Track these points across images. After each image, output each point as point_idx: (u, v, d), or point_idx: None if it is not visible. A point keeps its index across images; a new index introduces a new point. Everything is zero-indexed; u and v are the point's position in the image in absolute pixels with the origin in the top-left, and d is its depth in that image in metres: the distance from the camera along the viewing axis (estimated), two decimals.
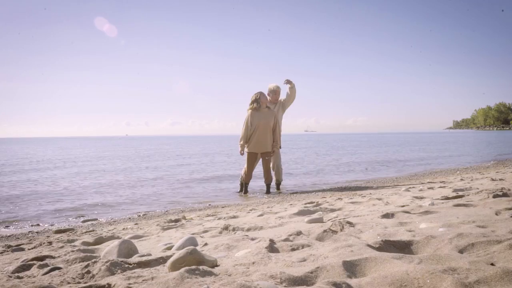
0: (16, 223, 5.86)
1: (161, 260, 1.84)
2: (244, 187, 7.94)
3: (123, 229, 4.25)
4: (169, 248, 2.34)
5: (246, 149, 7.77)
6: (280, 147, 7.98)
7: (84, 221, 5.83)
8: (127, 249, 2.12)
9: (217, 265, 1.52)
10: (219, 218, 4.18)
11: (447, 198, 3.64)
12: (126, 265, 1.75)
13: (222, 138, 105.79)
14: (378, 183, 8.75)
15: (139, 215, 6.06)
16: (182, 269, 1.36)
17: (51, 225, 5.66)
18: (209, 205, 6.86)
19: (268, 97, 7.90)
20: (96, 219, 5.99)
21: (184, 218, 4.58)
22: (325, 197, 6.32)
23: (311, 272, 1.21)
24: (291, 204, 5.29)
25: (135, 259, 1.84)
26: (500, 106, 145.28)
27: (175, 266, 1.48)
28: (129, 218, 5.76)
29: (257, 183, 8.72)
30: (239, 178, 8.37)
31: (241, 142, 7.76)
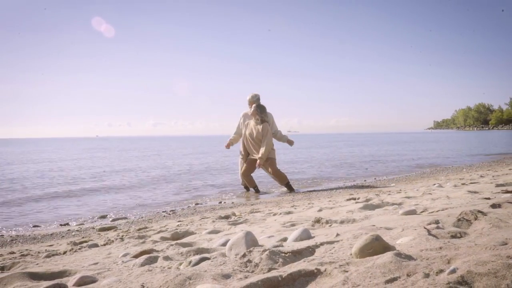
0: (42, 223, 5.78)
1: (310, 250, 1.83)
2: (255, 189, 8.02)
3: (177, 225, 4.22)
4: (284, 240, 2.33)
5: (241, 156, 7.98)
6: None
7: (113, 220, 5.77)
8: (252, 240, 2.11)
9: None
10: (274, 214, 4.17)
11: (507, 191, 3.71)
12: (283, 254, 1.74)
13: (205, 138, 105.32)
14: (393, 181, 8.85)
15: (168, 213, 6.02)
16: (390, 253, 1.36)
17: (81, 224, 5.60)
18: (232, 202, 6.86)
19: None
20: (125, 218, 5.93)
21: (234, 214, 4.57)
22: (352, 194, 6.37)
23: None
24: (330, 201, 5.32)
25: (287, 248, 1.83)
26: (479, 107, 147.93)
27: (363, 252, 1.48)
28: (164, 216, 5.71)
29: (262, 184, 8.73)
30: (241, 184, 8.44)
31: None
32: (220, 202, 7.04)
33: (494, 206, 2.37)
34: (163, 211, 6.36)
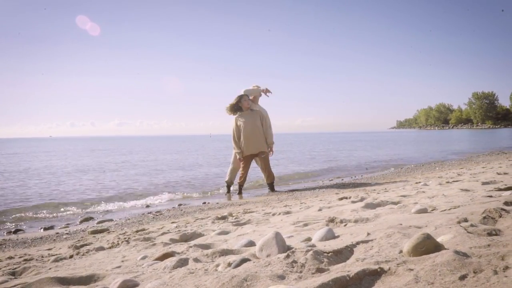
0: (24, 225, 5.62)
1: (349, 249, 1.86)
2: (239, 189, 8.00)
3: (176, 227, 4.17)
4: (309, 240, 2.35)
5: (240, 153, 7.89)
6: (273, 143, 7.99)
7: (99, 222, 5.66)
8: (282, 241, 2.12)
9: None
10: (273, 214, 4.19)
11: (500, 189, 3.85)
12: (325, 254, 1.76)
13: (170, 138, 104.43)
14: (372, 180, 9.02)
15: (156, 215, 5.95)
16: (451, 251, 1.40)
17: (66, 225, 5.47)
18: (217, 203, 6.85)
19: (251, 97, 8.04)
20: (111, 220, 5.83)
21: (230, 215, 4.56)
22: (338, 193, 6.47)
23: None
24: (321, 200, 5.38)
25: (328, 247, 1.85)
26: (440, 107, 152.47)
27: (417, 250, 1.52)
28: (153, 218, 5.64)
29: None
30: (225, 180, 8.42)
31: (236, 150, 7.80)
32: (204, 203, 7.01)
33: (507, 203, 2.47)
34: (148, 213, 6.27)
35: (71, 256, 3.00)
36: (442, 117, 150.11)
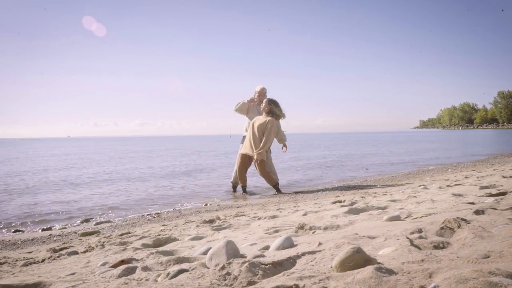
0: (23, 227, 5.66)
1: (291, 260, 1.79)
2: (243, 188, 7.98)
3: (161, 230, 4.15)
4: (266, 249, 2.29)
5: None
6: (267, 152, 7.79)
7: (97, 224, 5.68)
8: (233, 250, 2.07)
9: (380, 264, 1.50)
10: (258, 218, 4.13)
11: (491, 195, 3.72)
12: (263, 266, 1.70)
13: (191, 138, 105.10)
14: (378, 181, 8.87)
15: (153, 216, 5.95)
16: (371, 268, 1.33)
17: (63, 228, 5.50)
18: (218, 205, 6.82)
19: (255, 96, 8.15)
20: (109, 221, 5.85)
21: (218, 218, 4.52)
22: (339, 196, 6.36)
23: None
24: (316, 203, 5.29)
25: (267, 259, 1.79)
26: (464, 106, 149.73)
27: (344, 265, 1.44)
28: (148, 220, 5.64)
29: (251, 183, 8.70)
30: (230, 181, 8.42)
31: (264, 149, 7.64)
32: (206, 204, 6.99)
33: (477, 212, 2.36)
34: (147, 214, 6.28)
35: (43, 261, 3.01)
36: (467, 117, 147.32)
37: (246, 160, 7.79)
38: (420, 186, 6.18)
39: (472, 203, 3.00)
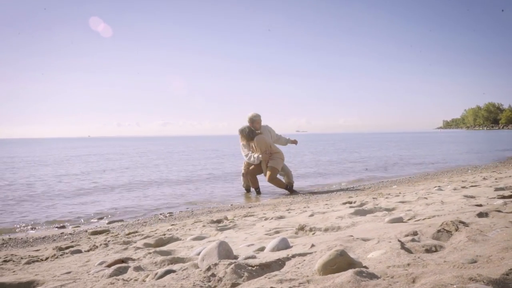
0: (39, 226, 5.74)
1: (280, 263, 1.76)
2: (256, 190, 8.01)
3: (168, 230, 4.16)
4: (261, 250, 2.26)
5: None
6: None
7: (109, 222, 5.73)
8: (225, 250, 2.04)
9: (365, 267, 1.45)
10: (265, 219, 4.10)
11: (503, 197, 3.60)
12: (250, 268, 1.67)
13: (212, 138, 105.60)
14: (395, 183, 8.73)
15: (166, 216, 5.97)
16: (351, 272, 1.28)
17: (76, 226, 5.55)
18: (231, 205, 6.81)
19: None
20: (122, 220, 5.89)
21: (226, 218, 4.50)
22: (352, 197, 6.28)
23: (507, 274, 1.14)
24: (326, 204, 5.23)
25: (254, 261, 1.76)
26: (489, 106, 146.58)
27: (326, 269, 1.41)
28: (159, 219, 5.66)
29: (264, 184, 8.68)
30: (242, 185, 8.50)
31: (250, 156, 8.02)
32: (220, 204, 6.99)
33: (481, 215, 2.28)
34: (160, 213, 6.30)
35: (46, 259, 3.03)
36: (492, 117, 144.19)
37: (256, 167, 7.93)
38: (435, 187, 6.05)
39: (480, 205, 2.90)
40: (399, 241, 1.70)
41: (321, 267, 1.42)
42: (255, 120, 8.19)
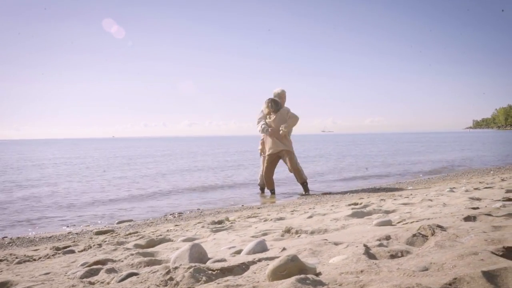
0: (46, 225, 5.83)
1: (244, 267, 1.72)
2: (271, 191, 7.93)
3: (167, 230, 4.16)
4: (238, 253, 2.22)
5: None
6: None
7: (119, 222, 5.78)
8: (198, 253, 2.01)
9: (319, 274, 1.40)
10: (265, 220, 4.06)
11: (509, 199, 3.46)
12: (210, 272, 1.63)
13: (239, 138, 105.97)
14: (414, 184, 8.54)
15: (174, 216, 5.99)
16: (293, 279, 1.23)
17: (86, 225, 5.62)
18: (242, 205, 6.78)
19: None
20: (131, 220, 5.93)
21: (227, 219, 4.47)
22: (362, 198, 6.17)
23: (450, 284, 1.07)
24: (333, 205, 5.15)
25: (216, 265, 1.72)
26: None
27: (276, 274, 1.35)
28: (166, 219, 5.68)
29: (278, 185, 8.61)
30: (258, 184, 8.42)
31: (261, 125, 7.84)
32: (230, 205, 6.97)
33: (468, 218, 2.19)
34: (170, 214, 6.32)
35: (39, 259, 3.06)
36: None
37: (274, 158, 7.75)
38: (447, 189, 5.89)
39: (477, 208, 2.79)
40: (364, 246, 1.63)
41: (270, 272, 1.38)
42: (282, 96, 8.13)
